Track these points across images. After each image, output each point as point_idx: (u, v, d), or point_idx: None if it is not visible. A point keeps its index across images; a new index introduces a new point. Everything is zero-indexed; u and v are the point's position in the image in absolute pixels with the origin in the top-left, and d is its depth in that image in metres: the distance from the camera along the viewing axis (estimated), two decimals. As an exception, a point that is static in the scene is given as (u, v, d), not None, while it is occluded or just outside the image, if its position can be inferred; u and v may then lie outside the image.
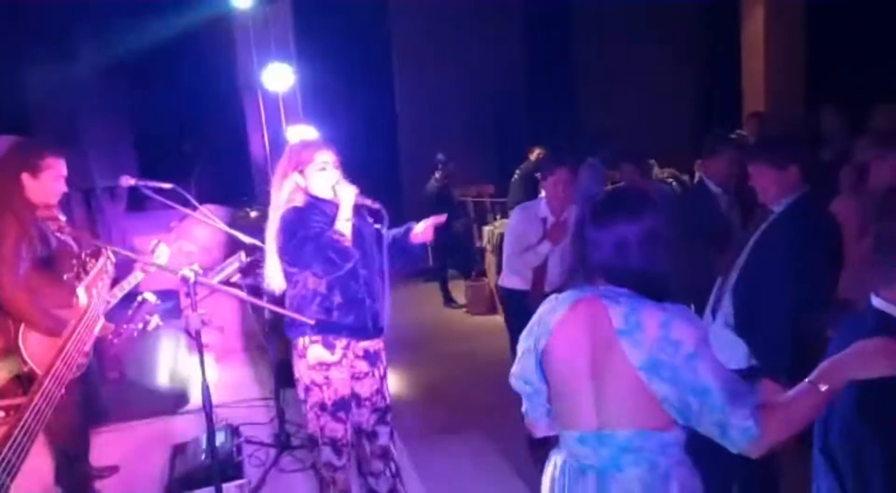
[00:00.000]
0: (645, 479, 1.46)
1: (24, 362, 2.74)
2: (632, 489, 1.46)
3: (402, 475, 2.85)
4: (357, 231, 2.56)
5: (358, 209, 2.59)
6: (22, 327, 2.75)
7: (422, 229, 2.76)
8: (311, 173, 2.56)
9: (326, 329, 2.57)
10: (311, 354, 2.60)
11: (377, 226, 2.68)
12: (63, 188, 2.97)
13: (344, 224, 2.51)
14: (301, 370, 2.65)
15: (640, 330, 1.41)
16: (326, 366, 2.60)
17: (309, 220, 2.49)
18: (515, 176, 7.03)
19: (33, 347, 2.78)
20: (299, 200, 2.55)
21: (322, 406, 2.63)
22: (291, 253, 2.50)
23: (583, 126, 9.08)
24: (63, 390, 1.94)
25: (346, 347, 2.62)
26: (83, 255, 2.77)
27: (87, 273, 2.64)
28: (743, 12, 7.47)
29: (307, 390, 2.65)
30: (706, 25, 9.23)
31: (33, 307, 2.71)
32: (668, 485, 1.47)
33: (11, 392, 3.96)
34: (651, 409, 1.43)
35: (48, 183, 2.87)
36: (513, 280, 3.54)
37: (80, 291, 2.12)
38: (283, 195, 2.57)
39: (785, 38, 7.17)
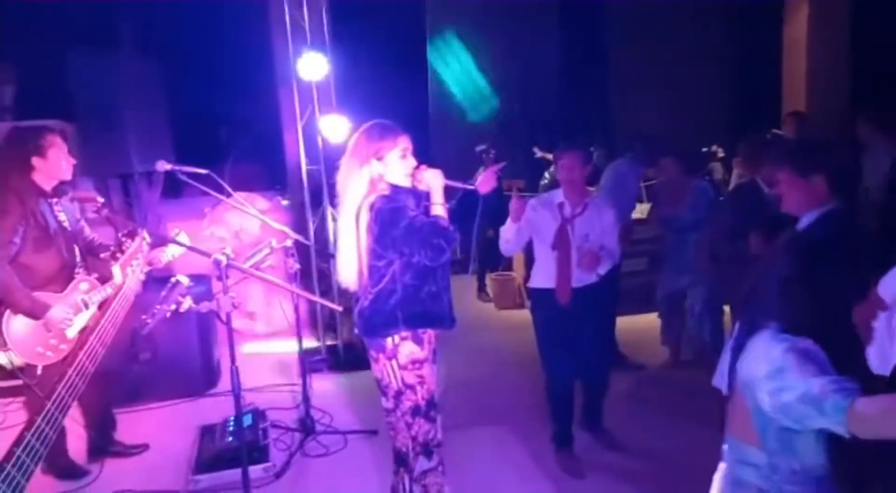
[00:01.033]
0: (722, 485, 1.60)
1: (4, 344, 2.81)
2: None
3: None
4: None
5: (420, 195, 2.46)
6: (7, 311, 2.84)
7: (482, 181, 2.63)
8: (392, 160, 2.40)
9: (419, 322, 2.43)
10: (403, 352, 2.44)
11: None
12: (71, 161, 3.10)
13: (440, 209, 2.40)
14: (390, 374, 2.46)
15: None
16: (419, 363, 2.46)
17: (405, 208, 2.35)
18: (545, 179, 7.01)
19: (16, 332, 2.86)
20: (383, 189, 2.39)
21: (416, 409, 2.48)
22: (394, 244, 2.33)
23: (616, 123, 9.00)
24: (93, 366, 2.00)
25: (430, 340, 2.49)
26: (119, 235, 2.85)
27: (122, 253, 2.72)
28: (786, 11, 7.30)
29: (399, 395, 2.47)
30: (745, 23, 9.04)
31: (12, 286, 2.80)
32: None
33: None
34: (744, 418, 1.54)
35: (57, 160, 3.01)
36: (537, 279, 3.34)
37: (116, 269, 2.19)
38: (363, 185, 2.39)
39: (828, 38, 6.99)
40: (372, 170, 2.39)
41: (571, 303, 3.22)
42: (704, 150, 6.79)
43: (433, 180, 2.42)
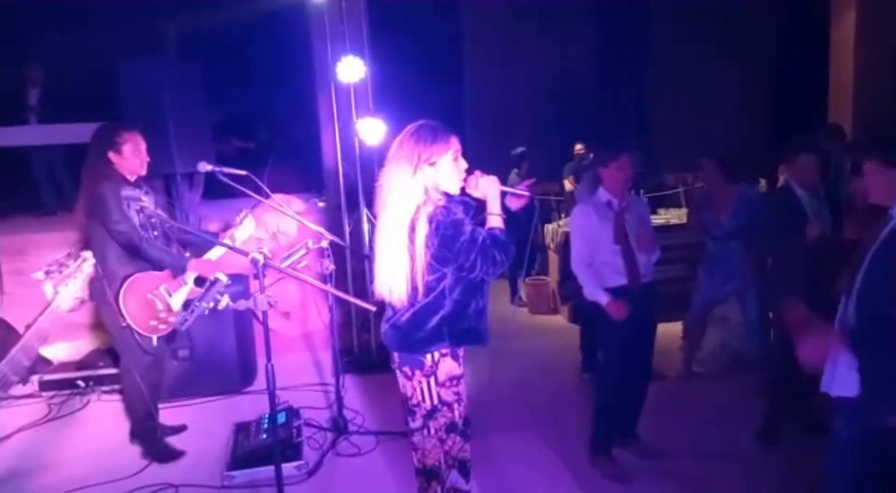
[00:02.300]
0: None
1: (123, 318, 3.16)
2: None
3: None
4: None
5: (469, 205, 2.31)
6: (123, 291, 3.18)
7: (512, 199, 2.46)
8: (445, 166, 2.23)
9: (464, 339, 2.33)
10: (443, 369, 2.33)
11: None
12: (146, 158, 3.45)
13: (497, 219, 2.26)
14: (426, 391, 2.34)
15: None
16: (457, 380, 2.36)
17: (464, 220, 2.21)
18: (569, 181, 7.00)
19: (132, 309, 3.21)
20: (437, 198, 2.22)
21: (451, 426, 2.39)
22: (457, 256, 2.19)
23: (654, 125, 8.89)
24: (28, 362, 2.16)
25: (463, 355, 2.40)
26: (62, 256, 2.91)
27: (60, 272, 2.75)
28: (833, 11, 7.12)
29: (433, 413, 2.35)
30: (791, 24, 8.85)
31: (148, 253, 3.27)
32: None
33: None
34: None
35: (131, 156, 3.37)
36: (608, 280, 3.22)
37: (48, 286, 2.21)
38: (416, 194, 2.20)
39: (877, 39, 6.79)
40: (426, 177, 2.21)
41: (639, 300, 3.21)
42: None
43: (490, 188, 2.27)
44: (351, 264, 4.99)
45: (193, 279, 3.35)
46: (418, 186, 2.21)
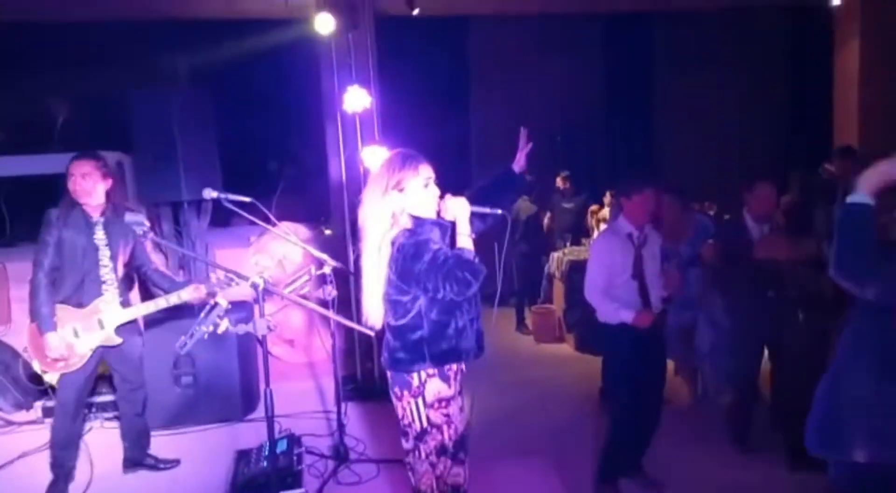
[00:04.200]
0: None
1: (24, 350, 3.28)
2: None
3: None
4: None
5: (446, 227, 2.36)
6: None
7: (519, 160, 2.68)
8: (414, 190, 2.30)
9: (446, 359, 2.34)
10: (430, 389, 2.34)
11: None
12: (84, 189, 3.38)
13: (466, 240, 2.30)
14: (414, 412, 2.36)
15: None
16: (446, 402, 2.36)
17: (428, 242, 2.26)
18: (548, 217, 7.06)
19: (35, 339, 3.40)
20: (405, 222, 2.30)
21: (442, 449, 2.38)
22: (418, 279, 2.24)
23: (662, 155, 8.91)
24: None
25: (456, 375, 2.39)
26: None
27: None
28: (837, 42, 7.17)
29: (423, 435, 2.37)
30: (796, 55, 8.92)
31: (34, 293, 3.37)
32: None
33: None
34: None
35: (72, 186, 3.37)
36: (620, 313, 3.20)
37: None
38: (385, 218, 2.29)
39: (881, 70, 6.82)
40: (393, 203, 2.28)
41: (650, 332, 3.20)
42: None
43: (458, 209, 2.32)
44: (354, 291, 4.99)
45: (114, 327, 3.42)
46: (387, 210, 2.29)
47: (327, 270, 3.67)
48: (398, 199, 2.30)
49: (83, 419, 3.71)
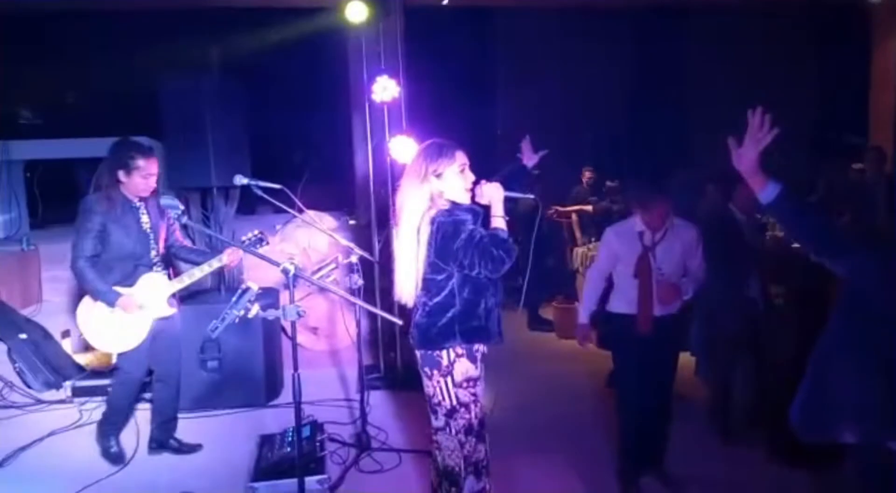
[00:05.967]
0: None
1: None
2: None
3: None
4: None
5: (478, 213, 2.47)
6: (82, 303, 3.49)
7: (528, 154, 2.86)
8: (450, 176, 2.44)
9: (475, 337, 2.44)
10: (459, 369, 2.43)
11: None
12: (152, 184, 3.47)
13: (500, 221, 2.41)
14: (444, 391, 2.45)
15: None
16: (474, 381, 2.45)
17: (466, 221, 2.39)
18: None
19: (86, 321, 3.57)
20: (443, 204, 2.42)
21: (469, 428, 2.47)
22: (455, 256, 2.35)
23: (691, 152, 8.79)
24: None
25: (483, 356, 2.50)
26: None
27: None
28: (874, 41, 7.01)
29: (452, 413, 2.45)
30: (831, 54, 8.73)
31: (88, 277, 3.38)
32: None
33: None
34: None
35: (139, 180, 3.40)
36: (618, 304, 3.28)
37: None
38: (424, 200, 2.42)
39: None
40: (432, 187, 2.43)
41: (652, 331, 3.17)
42: None
43: (493, 193, 2.45)
44: (379, 280, 5.01)
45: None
46: (425, 194, 2.43)
47: (354, 259, 3.69)
48: (436, 184, 2.43)
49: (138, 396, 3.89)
